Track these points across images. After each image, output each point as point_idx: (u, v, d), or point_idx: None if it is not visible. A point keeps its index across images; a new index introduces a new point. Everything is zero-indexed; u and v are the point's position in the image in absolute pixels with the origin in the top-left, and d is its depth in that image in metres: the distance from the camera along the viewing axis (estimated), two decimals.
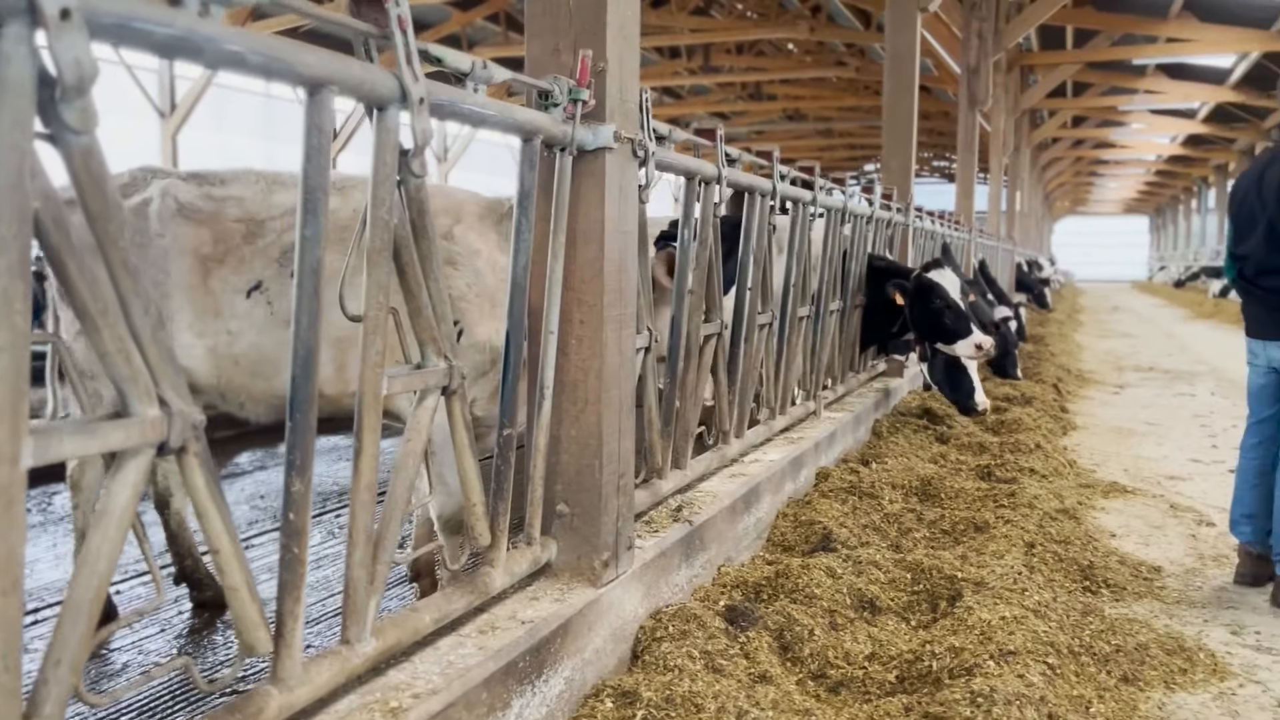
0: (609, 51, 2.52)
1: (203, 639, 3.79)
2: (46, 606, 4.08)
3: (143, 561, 4.64)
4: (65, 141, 1.26)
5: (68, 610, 1.36)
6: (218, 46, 1.42)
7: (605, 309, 2.60)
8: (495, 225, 3.48)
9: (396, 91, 1.79)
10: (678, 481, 3.51)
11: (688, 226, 3.36)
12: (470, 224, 3.37)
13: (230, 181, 3.78)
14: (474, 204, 3.47)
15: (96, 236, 1.33)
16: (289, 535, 1.74)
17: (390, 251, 1.88)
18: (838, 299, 5.60)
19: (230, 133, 18.45)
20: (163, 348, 1.42)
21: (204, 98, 17.31)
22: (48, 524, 5.35)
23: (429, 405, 2.09)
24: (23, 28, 1.17)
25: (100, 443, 1.35)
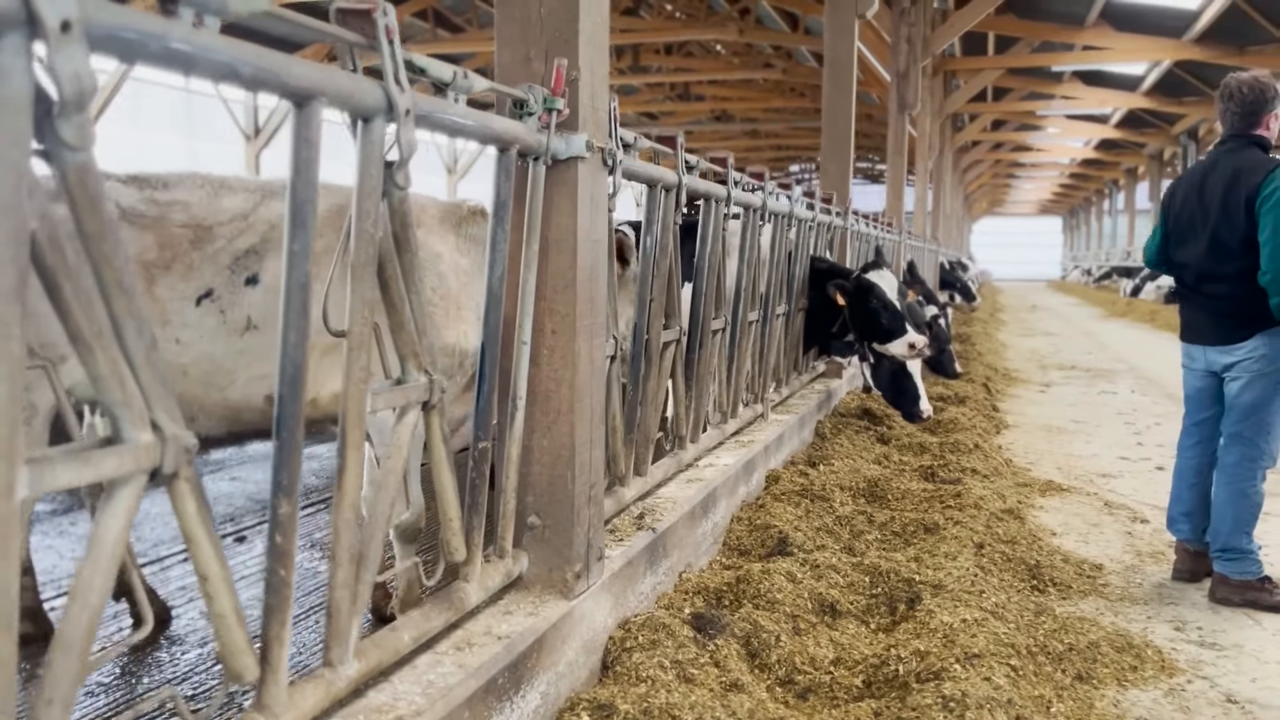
0: (581, 60, 2.50)
1: (148, 658, 3.66)
2: None
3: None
4: (61, 158, 1.21)
5: (59, 646, 1.30)
6: (210, 58, 1.37)
7: (578, 319, 2.58)
8: (454, 228, 3.44)
9: (383, 103, 1.75)
10: (639, 488, 3.50)
11: (650, 233, 3.36)
12: (431, 227, 3.32)
13: (174, 185, 3.66)
14: (434, 208, 3.42)
15: (91, 256, 1.27)
16: (275, 558, 1.69)
17: (375, 266, 1.84)
18: (783, 302, 5.65)
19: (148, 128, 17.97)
20: (156, 370, 1.37)
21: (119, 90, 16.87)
22: None
23: (410, 421, 2.05)
24: (21, 40, 1.11)
25: (95, 471, 1.29)
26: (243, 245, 3.49)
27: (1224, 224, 3.78)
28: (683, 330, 3.78)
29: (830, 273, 6.13)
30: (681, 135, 3.43)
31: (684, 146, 3.47)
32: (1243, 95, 3.78)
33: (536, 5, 2.48)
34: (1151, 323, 19.70)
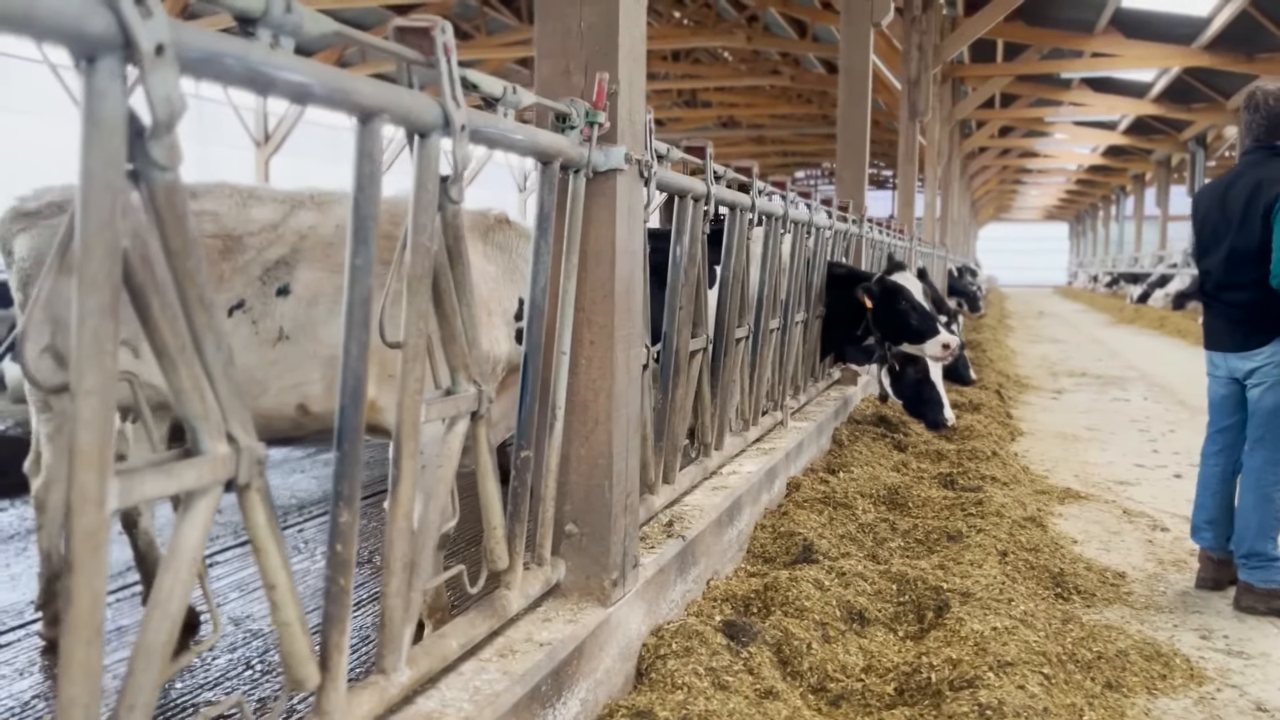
0: (620, 73, 2.54)
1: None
2: (7, 630, 3.94)
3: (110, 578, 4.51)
4: (150, 178, 1.24)
5: (140, 654, 1.33)
6: (288, 78, 1.40)
7: (615, 329, 2.61)
8: (482, 236, 3.47)
9: (440, 119, 1.79)
10: (668, 496, 3.53)
11: (679, 243, 3.38)
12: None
13: (203, 195, 3.69)
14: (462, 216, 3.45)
15: (175, 273, 1.30)
16: (335, 567, 1.72)
17: (430, 279, 1.87)
18: (802, 309, 5.68)
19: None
20: (232, 384, 1.40)
21: None
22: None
23: (460, 430, 2.08)
24: (116, 63, 1.15)
25: (177, 482, 1.32)
26: (273, 256, 3.52)
27: (1242, 233, 3.81)
28: (709, 338, 3.81)
29: (849, 278, 6.15)
30: (710, 146, 3.46)
31: (712, 157, 3.50)
32: (1269, 106, 3.81)
33: (577, 19, 2.51)
34: (1160, 329, 19.69)
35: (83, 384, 1.17)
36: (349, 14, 18.00)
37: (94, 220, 1.15)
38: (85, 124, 1.15)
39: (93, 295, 1.16)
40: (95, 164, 1.15)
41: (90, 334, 1.16)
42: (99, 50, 1.12)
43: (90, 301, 1.16)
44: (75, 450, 1.17)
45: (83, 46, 1.10)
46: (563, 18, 2.52)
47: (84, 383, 1.17)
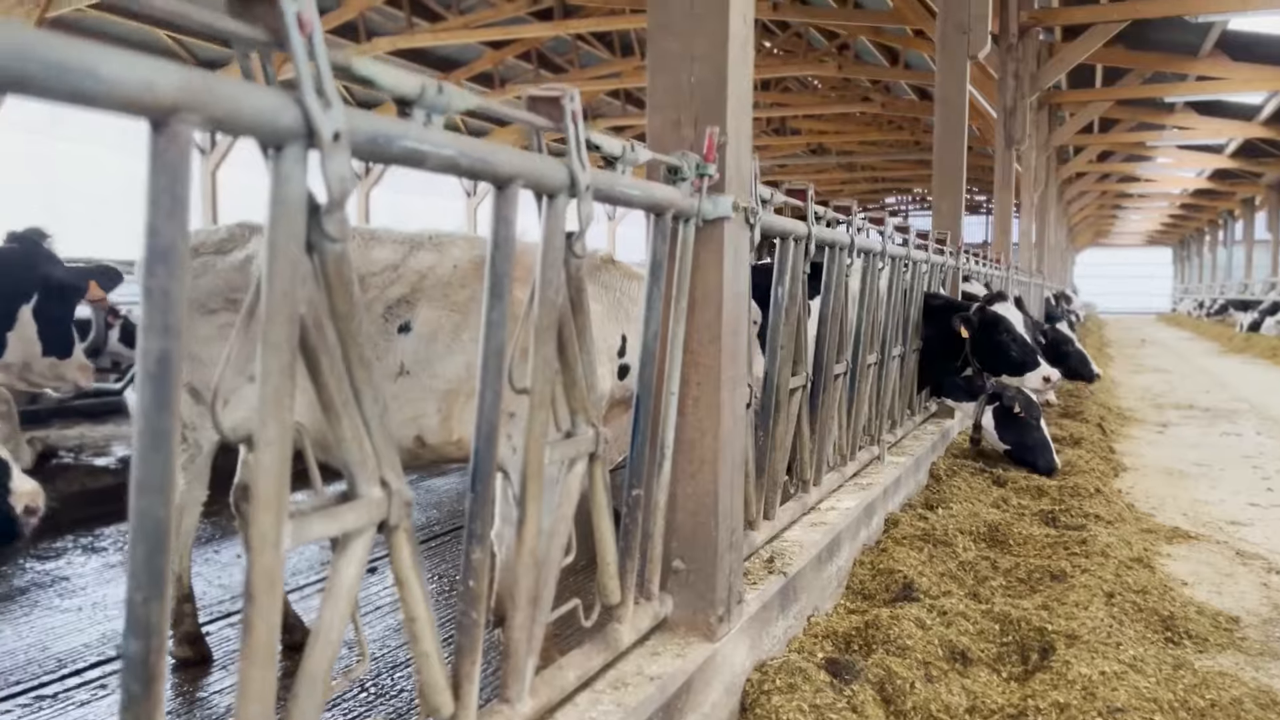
0: (729, 126, 2.63)
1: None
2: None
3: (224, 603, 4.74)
4: (322, 249, 1.37)
5: (304, 680, 1.45)
6: (440, 153, 1.53)
7: (722, 371, 2.69)
8: (590, 275, 3.60)
9: (567, 181, 1.90)
10: (768, 532, 3.58)
11: (780, 283, 3.46)
12: None
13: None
14: None
15: (339, 333, 1.43)
16: (468, 601, 1.83)
17: (556, 329, 1.98)
18: (900, 343, 5.67)
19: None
20: (386, 432, 1.52)
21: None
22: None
23: (579, 471, 2.18)
24: (300, 149, 1.28)
25: (339, 524, 1.45)
26: (394, 294, 3.71)
27: None
28: (808, 375, 3.86)
29: (947, 309, 6.13)
30: (811, 189, 3.53)
31: (814, 200, 3.57)
32: None
33: (688, 75, 2.62)
34: (1273, 359, 18.90)
35: (265, 435, 1.30)
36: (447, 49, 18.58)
37: (278, 289, 1.29)
38: (272, 204, 1.28)
39: (275, 356, 1.30)
40: (280, 239, 1.29)
41: (272, 391, 1.30)
42: (287, 140, 1.26)
43: (273, 362, 1.30)
44: (256, 496, 1.31)
45: (274, 137, 1.24)
46: (674, 73, 2.63)
47: (266, 434, 1.30)
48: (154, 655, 1.16)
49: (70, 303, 5.72)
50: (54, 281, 5.56)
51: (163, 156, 1.11)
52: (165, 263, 1.13)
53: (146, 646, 1.15)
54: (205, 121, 1.13)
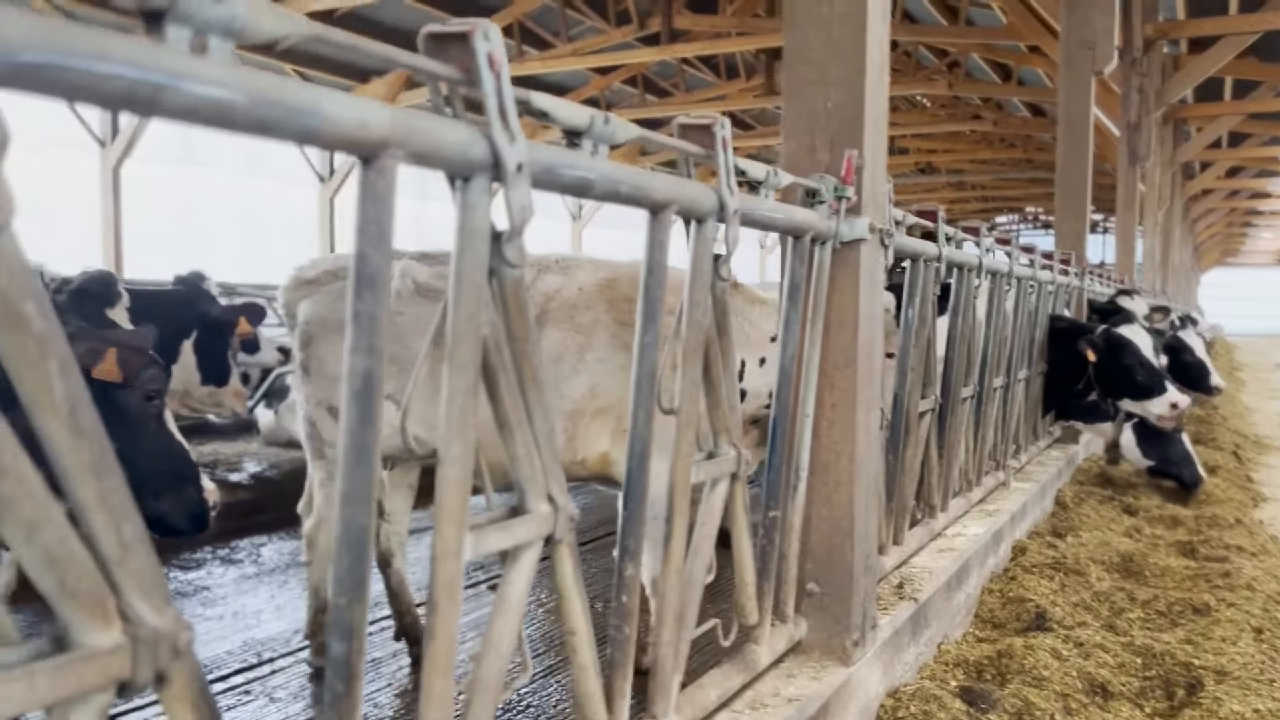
0: (865, 149, 2.64)
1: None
2: (279, 657, 4.35)
3: None
4: (501, 275, 1.44)
5: (477, 688, 1.51)
6: (604, 181, 1.58)
7: (858, 393, 2.69)
8: None
9: (716, 206, 1.94)
10: (897, 558, 3.54)
11: (911, 305, 3.43)
12: None
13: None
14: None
15: (514, 355, 1.50)
16: (621, 616, 1.87)
17: (703, 351, 2.02)
18: (1025, 366, 5.55)
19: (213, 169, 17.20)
20: (553, 450, 1.58)
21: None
22: (262, 574, 5.70)
23: (721, 491, 2.21)
24: (485, 181, 1.35)
25: (511, 537, 1.51)
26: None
27: None
28: (937, 398, 3.82)
29: (1072, 331, 5.96)
30: (942, 210, 3.51)
31: (944, 220, 3.54)
32: None
33: (824, 100, 2.64)
34: None
35: (450, 452, 1.37)
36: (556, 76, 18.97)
37: (464, 313, 1.36)
38: (459, 233, 1.36)
39: (460, 376, 1.37)
40: (466, 266, 1.36)
41: (457, 410, 1.36)
42: (475, 172, 1.33)
43: (458, 381, 1.37)
44: (440, 508, 1.37)
45: (464, 169, 1.31)
46: (809, 99, 2.66)
47: (451, 451, 1.37)
48: (355, 656, 1.23)
49: (225, 337, 6.28)
50: (211, 318, 6.19)
51: (372, 188, 1.19)
52: (372, 288, 1.21)
53: (349, 648, 1.22)
54: (408, 156, 1.21)
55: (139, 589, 0.95)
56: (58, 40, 0.82)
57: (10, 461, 0.84)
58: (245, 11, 0.98)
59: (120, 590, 0.94)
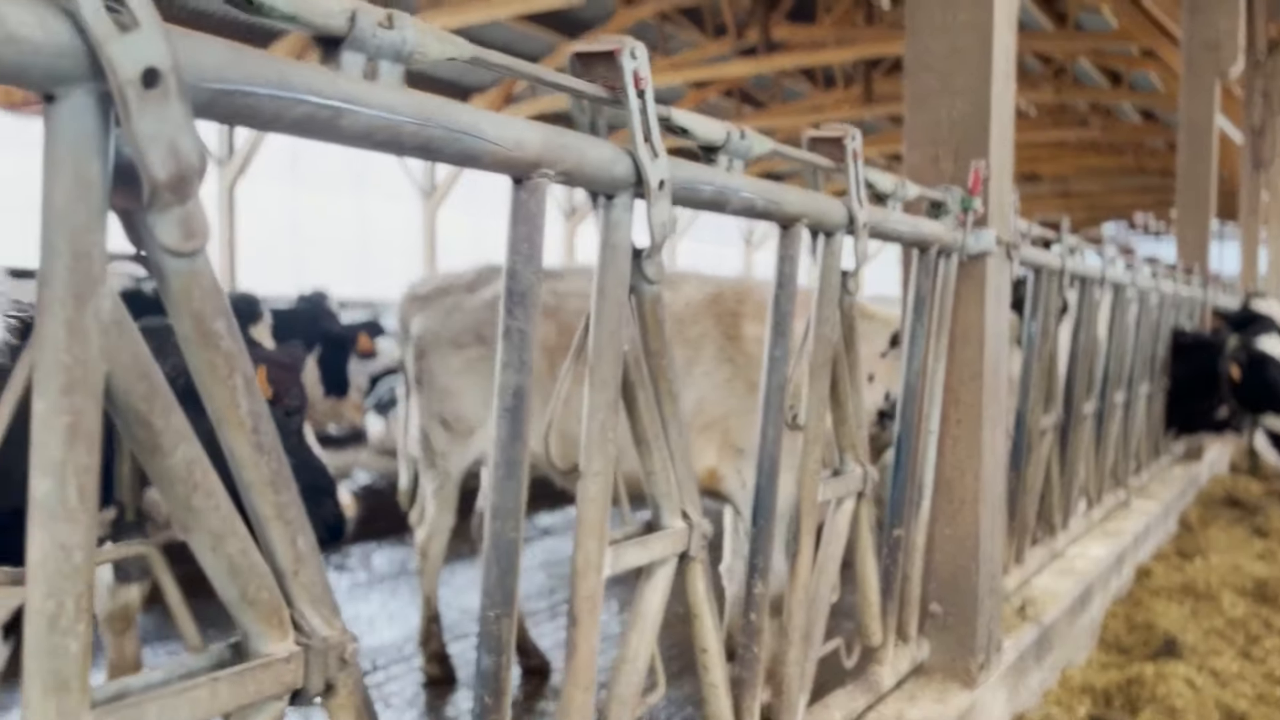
0: (991, 159, 2.58)
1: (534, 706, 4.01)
2: (392, 664, 4.45)
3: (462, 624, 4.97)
4: (641, 291, 1.44)
5: (614, 702, 1.51)
6: (740, 195, 1.58)
7: (983, 409, 2.62)
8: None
9: (845, 219, 1.92)
10: (1018, 578, 3.43)
11: (1035, 318, 3.33)
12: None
13: (568, 276, 4.08)
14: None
15: (651, 370, 1.50)
16: (749, 635, 1.85)
17: (830, 366, 1.99)
18: (1147, 381, 5.33)
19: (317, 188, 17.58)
20: (687, 466, 1.57)
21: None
22: (373, 582, 5.84)
23: (847, 510, 2.17)
24: (628, 198, 1.36)
25: (648, 553, 1.50)
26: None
27: None
28: (1059, 415, 3.69)
29: (1196, 345, 5.71)
30: (1066, 221, 3.40)
31: (1069, 231, 3.43)
32: None
33: (947, 110, 2.59)
34: None
35: (591, 467, 1.37)
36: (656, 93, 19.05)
37: (606, 329, 1.36)
38: (601, 249, 1.36)
39: (602, 393, 1.37)
40: (608, 282, 1.36)
41: (598, 426, 1.37)
42: (618, 189, 1.34)
43: (599, 398, 1.37)
44: (582, 523, 1.38)
45: (608, 186, 1.32)
46: (933, 109, 2.61)
47: (592, 466, 1.37)
48: (503, 670, 1.24)
49: (346, 352, 6.60)
50: (333, 335, 6.52)
51: (524, 207, 1.21)
52: (523, 304, 1.22)
53: (498, 662, 1.23)
54: (558, 175, 1.22)
55: (310, 600, 0.98)
56: (249, 68, 0.85)
57: (201, 477, 0.87)
58: (414, 36, 1.00)
59: (294, 601, 0.97)
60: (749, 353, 3.76)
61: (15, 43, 0.70)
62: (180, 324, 0.86)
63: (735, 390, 3.72)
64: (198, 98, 0.81)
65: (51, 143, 0.76)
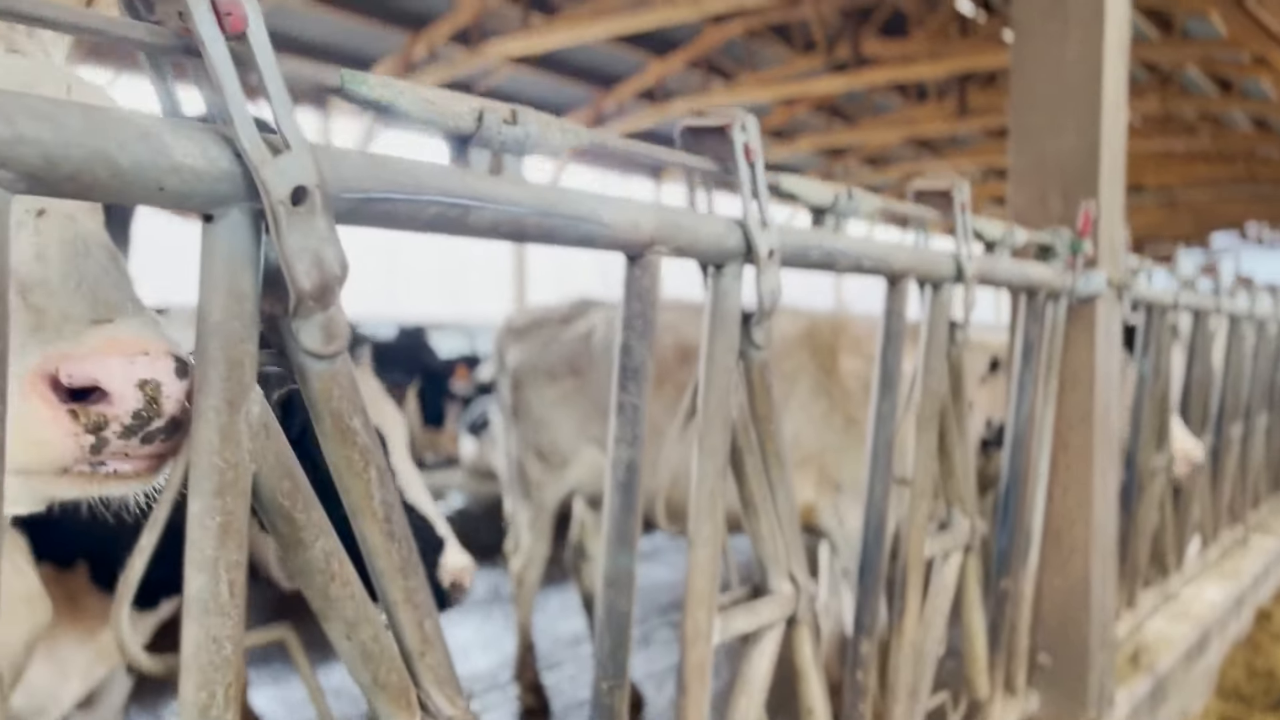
0: (1102, 198, 2.51)
1: None
2: (487, 691, 4.50)
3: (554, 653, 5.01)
4: (749, 356, 1.44)
5: None
6: (848, 255, 1.57)
7: (1094, 454, 2.54)
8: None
9: (954, 270, 1.89)
10: (1130, 623, 3.31)
11: (1146, 356, 3.23)
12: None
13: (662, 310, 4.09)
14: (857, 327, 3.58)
15: (759, 435, 1.50)
16: (856, 693, 1.83)
17: (938, 419, 1.96)
18: (1265, 412, 5.10)
19: None
20: (794, 529, 1.57)
21: None
22: (467, 607, 5.93)
23: (954, 564, 2.13)
24: (737, 268, 1.36)
25: (757, 619, 1.50)
26: None
27: None
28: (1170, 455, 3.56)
29: None
30: (1177, 253, 3.28)
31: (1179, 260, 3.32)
32: None
33: (1054, 149, 2.53)
34: None
35: (700, 534, 1.38)
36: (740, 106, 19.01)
37: (714, 397, 1.37)
38: (710, 318, 1.37)
39: (710, 460, 1.38)
40: (717, 350, 1.37)
41: (707, 494, 1.37)
42: (728, 259, 1.34)
43: (708, 465, 1.38)
44: (691, 591, 1.38)
45: (718, 258, 1.33)
46: (1039, 147, 2.55)
47: (701, 533, 1.38)
48: None
49: (444, 385, 6.86)
50: (433, 368, 6.77)
51: (637, 284, 1.22)
52: (636, 379, 1.23)
53: None
54: (671, 250, 1.23)
55: (436, 681, 1.01)
56: (386, 175, 0.88)
57: (338, 568, 0.90)
58: (537, 131, 1.03)
59: (420, 682, 1.00)
60: (845, 387, 3.72)
61: (180, 172, 0.74)
62: (319, 421, 0.90)
63: (832, 425, 3.69)
64: (339, 208, 0.85)
65: (208, 259, 0.80)
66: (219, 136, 0.77)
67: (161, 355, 0.80)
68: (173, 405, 0.80)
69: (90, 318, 0.81)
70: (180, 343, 0.84)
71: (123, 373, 0.78)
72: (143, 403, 0.79)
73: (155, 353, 0.79)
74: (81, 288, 0.84)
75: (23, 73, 0.98)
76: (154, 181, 0.73)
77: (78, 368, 0.78)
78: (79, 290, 0.84)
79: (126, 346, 0.79)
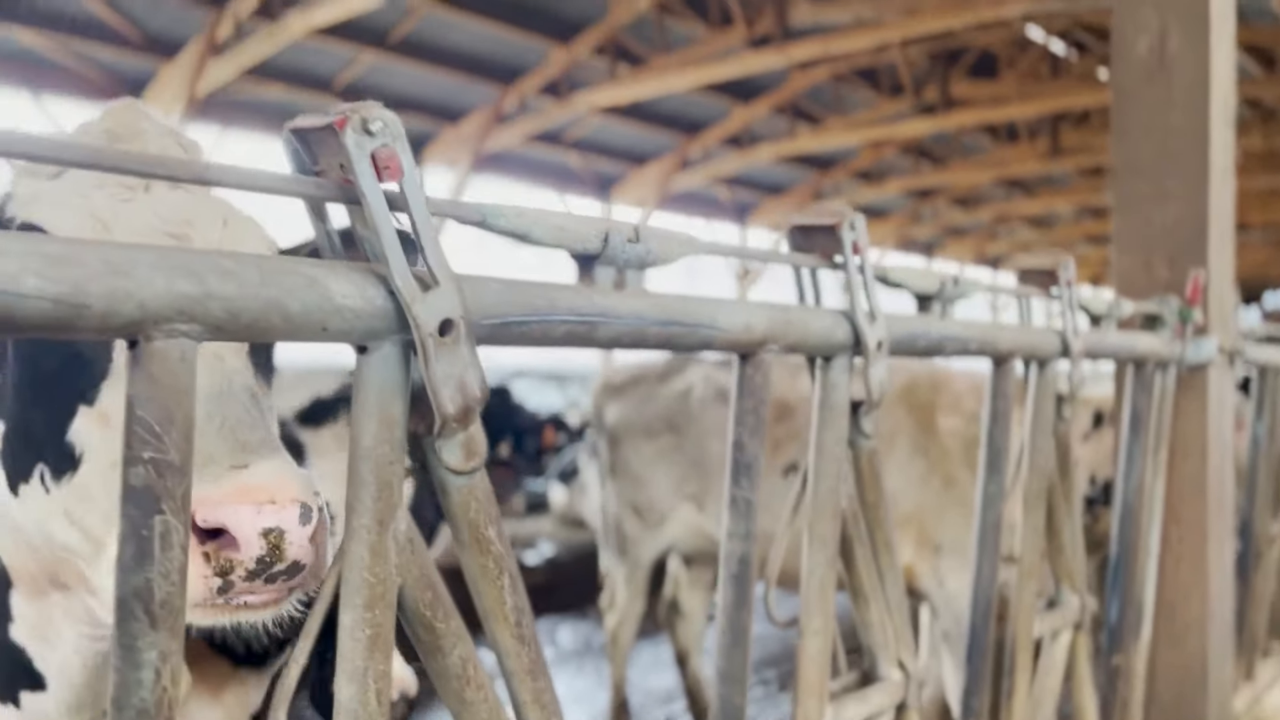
0: (1211, 263, 2.46)
1: None
2: None
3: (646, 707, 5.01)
4: (858, 445, 1.46)
5: None
6: (955, 340, 1.58)
7: (1208, 525, 2.47)
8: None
9: (1059, 348, 1.88)
10: (1248, 697, 3.17)
11: (1260, 419, 3.12)
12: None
13: None
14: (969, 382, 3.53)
15: (869, 523, 1.51)
16: None
17: (1045, 497, 1.94)
18: None
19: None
20: (903, 615, 1.56)
21: None
22: (558, 659, 5.96)
23: (1064, 642, 2.09)
24: (846, 360, 1.38)
25: (868, 707, 1.50)
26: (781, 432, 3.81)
27: None
28: None
29: None
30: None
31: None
32: None
33: (1160, 215, 2.49)
34: None
35: (811, 624, 1.39)
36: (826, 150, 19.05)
37: (824, 487, 1.39)
38: (819, 410, 1.39)
39: (821, 550, 1.39)
40: (827, 441, 1.39)
41: (818, 584, 1.39)
42: (836, 352, 1.37)
43: (818, 556, 1.39)
44: (801, 682, 1.39)
45: (827, 351, 1.35)
46: (1144, 214, 2.52)
47: (812, 623, 1.39)
48: None
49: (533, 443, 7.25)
50: (523, 427, 7.14)
51: (749, 382, 1.26)
52: (749, 475, 1.26)
53: None
54: (782, 348, 1.27)
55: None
56: (521, 299, 0.94)
57: (473, 672, 0.94)
58: (658, 246, 1.07)
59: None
60: (944, 446, 3.67)
61: (340, 312, 0.81)
62: (457, 531, 0.95)
63: (931, 485, 3.65)
64: (479, 333, 0.90)
65: (361, 389, 0.86)
66: (374, 276, 0.83)
67: (288, 503, 0.88)
68: (295, 550, 0.88)
69: (229, 462, 0.89)
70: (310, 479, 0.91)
71: (250, 521, 0.87)
72: (266, 549, 0.87)
73: (281, 500, 0.88)
74: (223, 430, 0.92)
75: (185, 208, 1.07)
76: (319, 323, 0.79)
77: (212, 514, 0.87)
78: (220, 432, 0.91)
79: (256, 494, 0.87)
